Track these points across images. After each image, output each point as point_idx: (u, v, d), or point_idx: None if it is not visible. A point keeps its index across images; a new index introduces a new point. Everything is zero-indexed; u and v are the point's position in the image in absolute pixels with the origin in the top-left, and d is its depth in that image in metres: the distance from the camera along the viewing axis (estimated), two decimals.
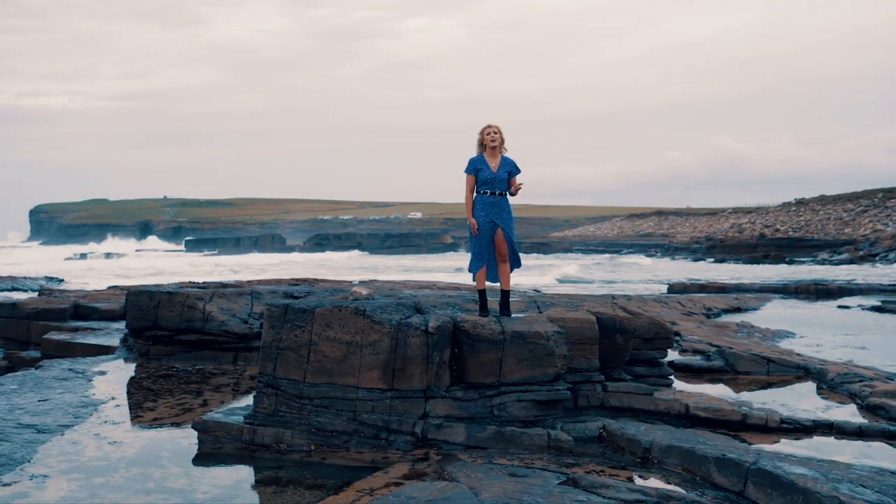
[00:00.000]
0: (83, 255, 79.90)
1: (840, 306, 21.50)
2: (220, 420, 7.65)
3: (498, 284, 8.31)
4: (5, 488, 6.29)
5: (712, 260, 61.41)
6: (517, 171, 8.10)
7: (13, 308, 15.69)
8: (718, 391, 9.84)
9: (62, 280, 38.66)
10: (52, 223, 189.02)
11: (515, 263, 8.35)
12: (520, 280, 36.52)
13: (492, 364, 7.56)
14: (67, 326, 14.86)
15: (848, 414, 8.68)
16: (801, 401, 9.37)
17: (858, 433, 7.91)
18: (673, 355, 12.03)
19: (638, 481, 6.43)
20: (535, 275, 41.18)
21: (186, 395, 9.77)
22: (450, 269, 50.43)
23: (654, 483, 6.41)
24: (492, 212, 7.98)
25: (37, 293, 23.03)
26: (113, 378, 10.87)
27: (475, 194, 8.09)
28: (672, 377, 9.58)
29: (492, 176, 7.97)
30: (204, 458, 7.28)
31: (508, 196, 8.10)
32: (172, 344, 12.39)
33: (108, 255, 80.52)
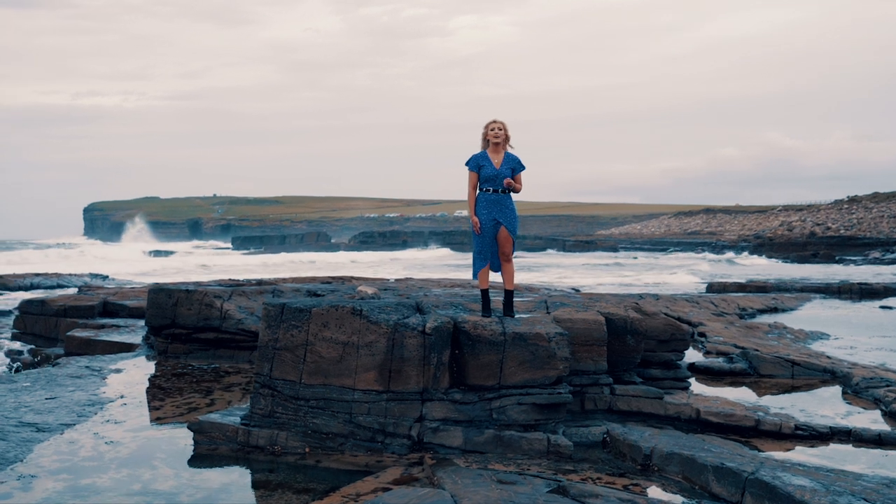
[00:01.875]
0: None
1: (882, 307, 20.87)
2: (215, 421, 7.54)
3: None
4: None
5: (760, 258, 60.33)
6: (521, 167, 7.88)
7: (42, 305, 15.80)
8: (738, 395, 9.52)
9: (106, 276, 38.95)
10: (104, 221, 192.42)
11: None
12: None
13: (492, 366, 7.36)
14: (93, 323, 14.93)
15: (868, 420, 8.32)
16: (822, 406, 9.02)
17: (877, 441, 7.57)
18: (696, 357, 11.73)
19: (634, 490, 6.19)
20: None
21: (195, 395, 9.70)
22: None
23: (651, 492, 6.18)
24: (494, 209, 7.77)
25: (77, 290, 23.27)
26: (127, 376, 10.85)
27: (478, 191, 7.88)
28: (689, 380, 9.32)
29: (494, 173, 7.76)
30: (198, 459, 7.18)
31: (511, 193, 7.88)
32: (190, 342, 12.36)
33: (157, 253, 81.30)
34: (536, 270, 46.73)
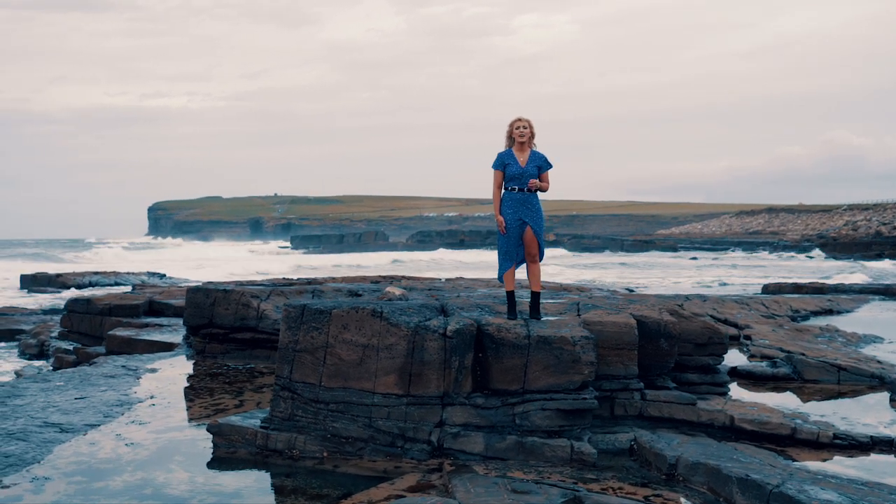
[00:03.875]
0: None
1: None
2: (235, 423, 7.45)
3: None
4: (1, 490, 6.21)
5: (822, 258, 58.90)
6: (548, 166, 7.66)
7: (88, 304, 15.99)
8: (779, 401, 9.16)
9: (164, 275, 39.47)
10: (168, 220, 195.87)
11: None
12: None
13: (516, 370, 7.16)
14: (136, 322, 15.05)
15: None
16: (866, 413, 8.62)
17: None
18: (741, 360, 11.37)
19: (655, 501, 5.94)
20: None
21: (225, 396, 9.64)
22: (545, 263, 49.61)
23: None
24: (520, 209, 7.56)
25: (131, 288, 23.54)
26: (162, 376, 10.86)
27: (503, 191, 7.68)
28: (728, 385, 8.99)
29: (520, 171, 7.55)
30: (216, 462, 7.09)
31: (538, 192, 7.66)
32: (227, 342, 12.35)
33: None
34: (594, 269, 46.31)
